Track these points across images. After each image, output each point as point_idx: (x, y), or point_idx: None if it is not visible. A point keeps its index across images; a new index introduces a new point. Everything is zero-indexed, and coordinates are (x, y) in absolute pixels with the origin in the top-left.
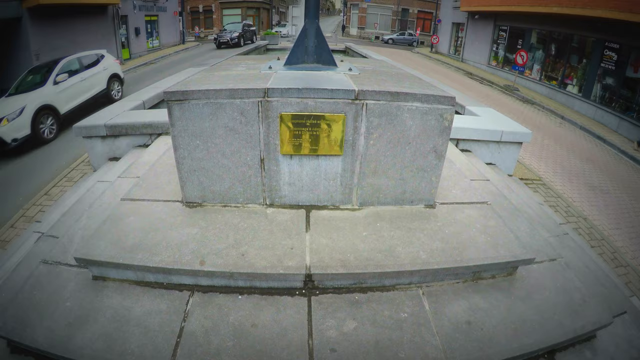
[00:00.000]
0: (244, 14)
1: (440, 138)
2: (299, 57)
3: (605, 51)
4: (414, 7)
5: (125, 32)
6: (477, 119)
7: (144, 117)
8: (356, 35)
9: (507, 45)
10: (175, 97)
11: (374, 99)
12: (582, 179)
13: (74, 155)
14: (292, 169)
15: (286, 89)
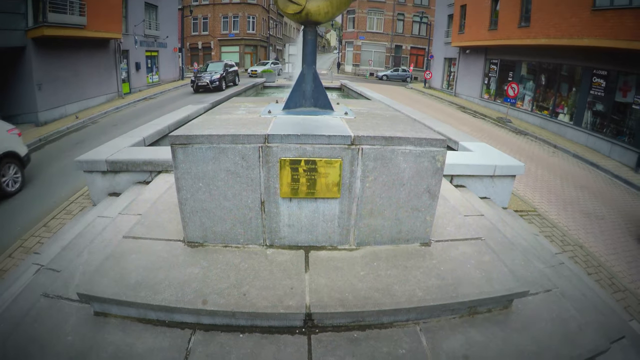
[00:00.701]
0: (242, 52)
1: (434, 179)
2: (297, 101)
3: (593, 78)
4: (407, 43)
5: (126, 67)
6: (471, 155)
7: (145, 154)
8: (351, 72)
9: (498, 78)
10: (179, 140)
11: (369, 144)
12: (576, 206)
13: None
14: (291, 212)
15: (285, 135)
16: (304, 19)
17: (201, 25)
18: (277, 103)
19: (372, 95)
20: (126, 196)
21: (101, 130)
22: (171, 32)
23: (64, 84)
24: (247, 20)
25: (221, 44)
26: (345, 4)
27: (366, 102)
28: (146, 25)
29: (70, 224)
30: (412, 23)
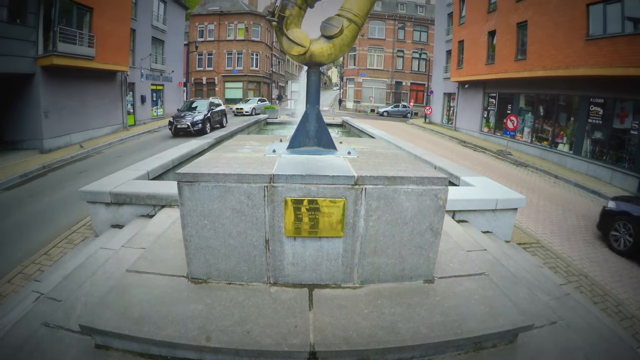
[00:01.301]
0: (245, 88)
1: (436, 216)
2: (301, 140)
3: (591, 107)
4: (407, 79)
5: (131, 99)
6: (472, 190)
7: (149, 188)
8: (352, 109)
9: (497, 111)
10: (186, 178)
11: (373, 184)
12: (580, 236)
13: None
14: (295, 250)
15: (290, 176)
16: (307, 60)
17: (206, 60)
18: (281, 142)
19: (374, 131)
20: (129, 229)
21: (105, 161)
22: (177, 66)
23: (70, 113)
24: (250, 57)
25: (225, 79)
26: (348, 46)
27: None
28: (152, 60)
29: (72, 254)
30: (411, 59)
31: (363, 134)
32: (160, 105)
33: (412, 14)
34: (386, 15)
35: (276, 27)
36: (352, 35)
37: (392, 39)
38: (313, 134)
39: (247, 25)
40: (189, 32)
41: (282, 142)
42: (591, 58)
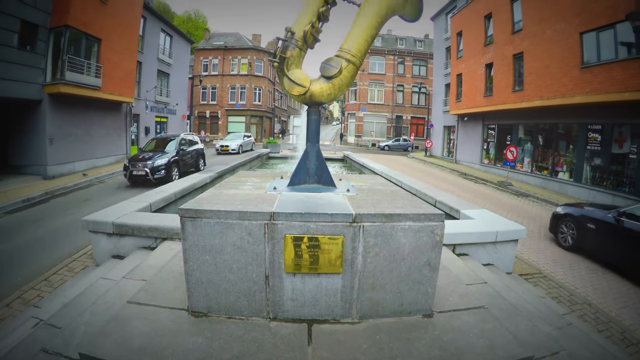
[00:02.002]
0: (248, 122)
1: (433, 252)
2: (301, 178)
3: (589, 133)
4: (407, 113)
5: (136, 130)
6: (472, 223)
7: (151, 220)
8: (354, 143)
9: (497, 142)
10: (189, 214)
11: (370, 221)
12: (582, 263)
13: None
14: (295, 286)
15: (290, 214)
16: (308, 99)
17: (210, 94)
18: (282, 179)
19: (374, 166)
20: (130, 260)
21: (107, 190)
22: (181, 99)
23: (75, 141)
24: (253, 92)
25: (228, 113)
26: (347, 86)
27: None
28: (157, 92)
29: (72, 282)
30: (411, 94)
31: (364, 169)
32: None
33: (411, 49)
34: (386, 51)
35: (278, 67)
36: (351, 75)
37: (392, 74)
38: (313, 172)
39: (251, 60)
40: (194, 66)
41: (282, 179)
42: (587, 85)
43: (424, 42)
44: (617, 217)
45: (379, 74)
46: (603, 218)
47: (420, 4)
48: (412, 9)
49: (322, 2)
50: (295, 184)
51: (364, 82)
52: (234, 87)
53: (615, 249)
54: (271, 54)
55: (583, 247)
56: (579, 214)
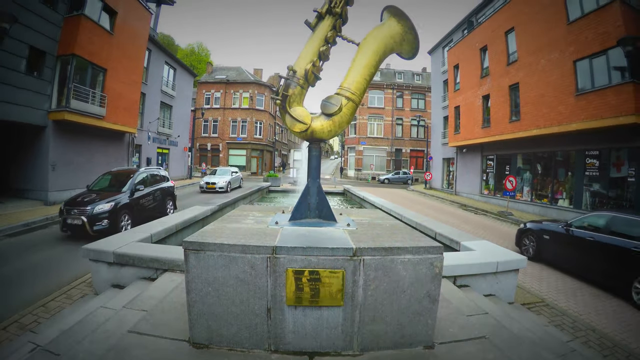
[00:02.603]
0: (249, 155)
1: (433, 284)
2: (302, 212)
3: (587, 159)
4: (406, 147)
5: (137, 160)
6: (472, 254)
7: (152, 252)
8: (354, 177)
9: (496, 172)
10: (193, 246)
11: (370, 255)
12: (586, 289)
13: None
14: (296, 319)
15: (292, 248)
16: (309, 136)
17: (211, 127)
18: (284, 213)
19: (374, 200)
20: (131, 290)
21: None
22: (183, 131)
23: (77, 168)
24: (254, 125)
25: (229, 146)
26: (347, 123)
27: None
28: (160, 123)
29: (71, 309)
30: (410, 127)
31: (364, 202)
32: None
33: (409, 83)
34: (385, 85)
35: (280, 105)
36: (351, 113)
37: (391, 108)
38: (314, 207)
39: (252, 94)
40: (196, 98)
41: (284, 214)
42: (582, 112)
43: (422, 75)
44: (566, 227)
45: (378, 107)
46: (555, 229)
47: (416, 43)
48: (408, 47)
49: (323, 42)
50: (296, 219)
51: (364, 116)
52: (236, 121)
53: (566, 253)
54: (274, 91)
55: (542, 255)
56: (538, 228)
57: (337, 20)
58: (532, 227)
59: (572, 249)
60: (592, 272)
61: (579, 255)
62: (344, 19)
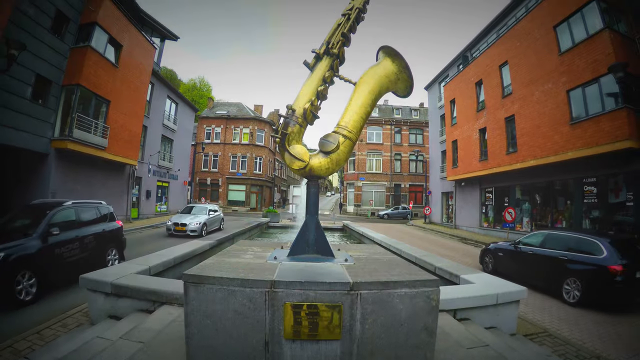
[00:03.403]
0: (248, 191)
1: (430, 317)
2: (301, 248)
3: (585, 187)
4: (405, 182)
5: (137, 193)
6: (472, 287)
7: (150, 284)
8: (353, 213)
9: (495, 205)
10: (193, 279)
11: (367, 289)
12: (588, 317)
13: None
14: (294, 352)
15: (290, 282)
16: (307, 173)
17: (211, 162)
18: (282, 249)
19: (374, 235)
20: (128, 321)
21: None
22: (183, 165)
23: (77, 197)
24: (254, 161)
25: (229, 181)
26: (344, 160)
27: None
28: (161, 157)
29: (66, 338)
30: (408, 162)
31: (363, 238)
32: (165, 201)
33: (407, 118)
34: (383, 121)
35: (279, 143)
36: (348, 151)
37: (389, 143)
38: (312, 242)
39: (252, 130)
40: (197, 133)
41: (282, 249)
42: (578, 140)
43: (420, 110)
44: (514, 245)
45: (377, 143)
46: (506, 247)
47: (410, 82)
48: (403, 86)
49: (321, 82)
50: (295, 254)
51: (362, 152)
52: (235, 156)
53: (514, 266)
54: (274, 129)
55: (498, 269)
56: (494, 247)
57: (334, 61)
58: (490, 247)
59: (519, 261)
60: (534, 279)
61: (523, 266)
62: (341, 60)
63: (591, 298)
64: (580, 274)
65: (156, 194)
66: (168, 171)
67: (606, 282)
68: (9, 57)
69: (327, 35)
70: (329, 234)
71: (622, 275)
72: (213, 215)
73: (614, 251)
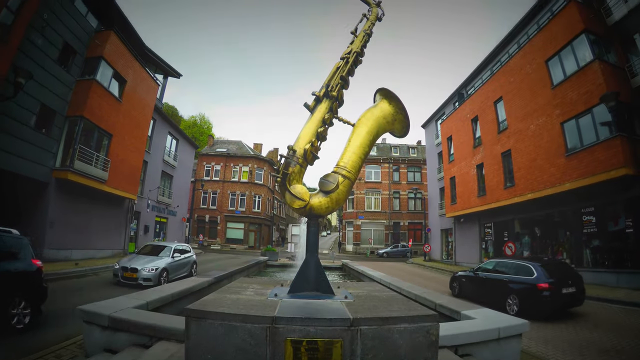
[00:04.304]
0: (247, 229)
1: (429, 351)
2: (301, 285)
3: (583, 217)
4: (404, 219)
5: (135, 227)
6: (473, 322)
7: (148, 319)
8: (352, 251)
9: (495, 239)
10: (194, 314)
11: (367, 325)
12: (593, 347)
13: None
14: None
15: (291, 318)
16: (308, 212)
17: (210, 199)
18: (282, 286)
19: (373, 274)
20: (124, 356)
21: (102, 283)
22: (182, 202)
23: (75, 229)
24: (253, 199)
25: (227, 219)
26: (344, 199)
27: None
28: (160, 192)
29: None
30: (407, 200)
31: (362, 276)
32: (163, 237)
33: (405, 156)
34: (381, 159)
35: (280, 182)
36: (347, 190)
37: (387, 181)
38: (312, 280)
39: (251, 168)
40: (197, 170)
41: (282, 287)
42: (574, 171)
43: (417, 148)
44: (474, 272)
45: (375, 182)
46: (468, 274)
47: (407, 122)
48: (400, 126)
49: (321, 123)
50: (295, 291)
51: (361, 191)
52: (234, 194)
53: (473, 288)
54: (275, 169)
55: (462, 293)
56: (459, 275)
57: (333, 103)
58: (457, 275)
59: (476, 284)
60: (487, 297)
61: (479, 288)
62: (340, 102)
63: (526, 310)
64: (518, 291)
65: (154, 229)
66: (167, 207)
67: (536, 297)
68: (16, 84)
69: (327, 78)
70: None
71: (548, 291)
72: (179, 259)
73: (542, 272)
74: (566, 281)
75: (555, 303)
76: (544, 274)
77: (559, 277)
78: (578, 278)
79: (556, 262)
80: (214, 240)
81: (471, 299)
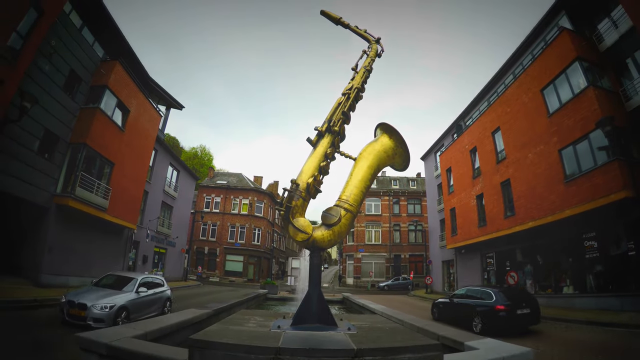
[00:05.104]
0: (246, 262)
1: None
2: (304, 317)
3: (585, 242)
4: (405, 252)
5: (134, 257)
6: (476, 353)
7: (146, 349)
8: (353, 285)
9: (497, 269)
10: (199, 344)
11: (371, 355)
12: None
13: None
14: None
15: (295, 349)
16: (310, 245)
17: (210, 231)
18: (285, 318)
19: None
20: None
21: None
22: (181, 233)
23: (73, 255)
24: (252, 232)
25: (227, 251)
26: (346, 232)
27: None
28: (160, 223)
29: None
30: (408, 232)
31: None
32: (161, 268)
33: (405, 189)
34: (381, 192)
35: (283, 216)
36: (349, 223)
37: (388, 214)
38: (315, 312)
39: (251, 201)
40: (197, 201)
41: (285, 319)
42: (573, 198)
43: (417, 180)
44: (450, 297)
45: (376, 214)
46: (445, 300)
47: (407, 155)
48: (400, 160)
49: (323, 158)
50: (298, 323)
51: (361, 224)
52: (234, 226)
53: (451, 314)
54: (278, 202)
55: (441, 317)
56: (438, 301)
57: (335, 138)
58: (436, 302)
59: (451, 309)
60: (459, 319)
61: (453, 312)
62: (342, 137)
63: (487, 328)
64: (482, 313)
65: (153, 259)
66: (166, 237)
67: (494, 317)
68: (22, 108)
69: (329, 113)
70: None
71: (505, 312)
72: (146, 294)
73: (500, 296)
74: (520, 303)
75: (511, 321)
76: (502, 298)
77: (514, 300)
78: (533, 301)
79: (514, 288)
80: (213, 272)
81: (447, 321)
